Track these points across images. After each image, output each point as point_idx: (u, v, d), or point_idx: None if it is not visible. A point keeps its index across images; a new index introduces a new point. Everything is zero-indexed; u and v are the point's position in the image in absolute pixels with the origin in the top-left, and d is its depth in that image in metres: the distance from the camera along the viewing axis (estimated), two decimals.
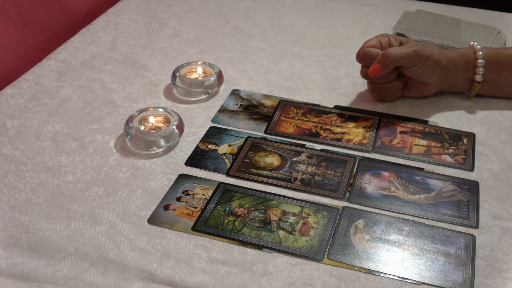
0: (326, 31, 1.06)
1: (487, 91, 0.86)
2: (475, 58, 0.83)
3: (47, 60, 0.95)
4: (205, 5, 1.14)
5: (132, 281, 0.59)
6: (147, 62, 0.95)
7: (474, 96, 0.86)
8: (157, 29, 1.05)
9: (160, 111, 0.79)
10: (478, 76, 0.83)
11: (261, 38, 1.03)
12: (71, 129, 0.80)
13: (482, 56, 0.83)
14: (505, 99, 0.87)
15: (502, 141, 0.79)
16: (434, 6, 1.14)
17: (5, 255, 0.61)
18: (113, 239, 0.63)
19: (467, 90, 0.86)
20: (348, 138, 0.79)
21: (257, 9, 1.13)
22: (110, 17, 1.08)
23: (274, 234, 0.64)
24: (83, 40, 1.01)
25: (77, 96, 0.86)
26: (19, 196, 0.68)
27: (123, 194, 0.69)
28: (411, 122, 0.82)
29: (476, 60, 0.83)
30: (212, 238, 0.64)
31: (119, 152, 0.76)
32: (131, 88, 0.89)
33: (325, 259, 0.61)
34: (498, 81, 0.85)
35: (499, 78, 0.84)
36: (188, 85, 0.86)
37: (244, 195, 0.69)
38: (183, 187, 0.70)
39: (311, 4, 1.15)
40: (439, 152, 0.77)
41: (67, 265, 0.60)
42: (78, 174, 0.72)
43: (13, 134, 0.78)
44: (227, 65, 0.95)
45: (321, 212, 0.67)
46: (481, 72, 0.83)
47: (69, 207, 0.67)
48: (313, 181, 0.71)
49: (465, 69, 0.84)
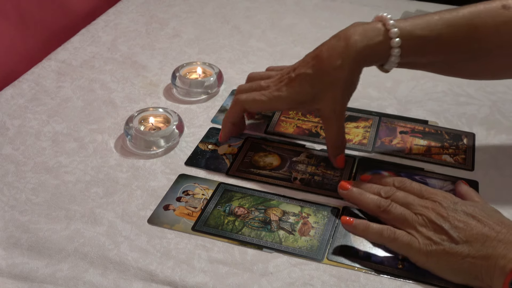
0: (326, 31, 1.06)
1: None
2: (389, 37, 0.66)
3: (47, 60, 0.95)
4: (205, 5, 1.14)
5: (132, 281, 0.59)
6: (147, 62, 0.95)
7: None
8: (157, 29, 1.05)
9: (160, 111, 0.79)
10: (390, 63, 0.68)
11: (261, 38, 1.03)
12: (71, 129, 0.80)
13: (396, 34, 0.66)
14: (506, 99, 0.87)
15: (502, 141, 0.79)
16: (434, 6, 1.14)
17: (5, 255, 0.61)
18: (113, 239, 0.63)
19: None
20: (348, 138, 0.79)
21: (257, 10, 1.13)
22: (110, 17, 1.08)
23: (274, 234, 0.64)
24: (83, 40, 1.01)
25: (77, 96, 0.86)
26: (19, 196, 0.68)
27: (123, 194, 0.69)
28: (411, 122, 0.82)
29: (390, 39, 0.66)
30: (212, 238, 0.64)
31: (119, 152, 0.76)
32: (131, 88, 0.89)
33: (325, 259, 0.61)
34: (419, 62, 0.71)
35: (420, 59, 0.70)
36: (188, 85, 0.86)
37: (244, 195, 0.69)
38: (183, 187, 0.70)
39: (311, 4, 1.15)
40: (439, 152, 0.77)
41: (67, 265, 0.60)
42: (78, 174, 0.72)
43: (13, 134, 0.78)
44: (227, 65, 0.95)
45: (321, 212, 0.67)
46: (393, 58, 0.67)
47: (69, 207, 0.67)
48: (313, 181, 0.71)
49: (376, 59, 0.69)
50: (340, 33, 0.69)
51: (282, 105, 0.72)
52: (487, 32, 0.67)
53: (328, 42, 0.69)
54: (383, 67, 0.70)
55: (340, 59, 0.67)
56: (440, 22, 0.67)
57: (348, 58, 0.67)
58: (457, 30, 0.67)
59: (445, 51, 0.68)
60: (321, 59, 0.68)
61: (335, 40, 0.68)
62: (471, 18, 0.67)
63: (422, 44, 0.67)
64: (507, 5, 0.67)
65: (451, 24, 0.67)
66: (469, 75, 0.74)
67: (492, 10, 0.67)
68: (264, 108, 0.74)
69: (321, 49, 0.69)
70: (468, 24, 0.67)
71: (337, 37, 0.69)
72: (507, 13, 0.66)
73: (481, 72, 0.73)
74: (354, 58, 0.67)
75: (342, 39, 0.67)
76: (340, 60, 0.67)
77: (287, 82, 0.71)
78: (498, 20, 0.67)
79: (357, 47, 0.66)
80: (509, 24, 0.67)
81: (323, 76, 0.68)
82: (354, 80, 0.69)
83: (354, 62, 0.67)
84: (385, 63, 0.69)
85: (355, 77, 0.69)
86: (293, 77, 0.70)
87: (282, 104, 0.72)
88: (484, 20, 0.67)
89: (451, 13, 0.68)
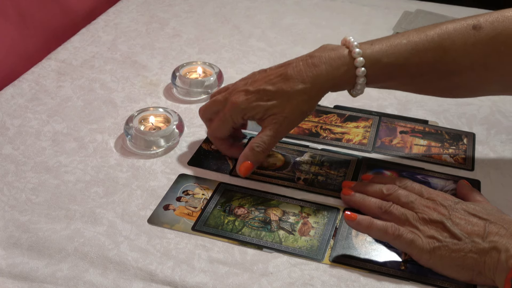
0: (326, 31, 1.06)
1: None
2: (355, 67, 0.66)
3: (47, 60, 0.95)
4: (205, 5, 1.14)
5: (132, 281, 0.59)
6: (147, 62, 0.95)
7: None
8: (157, 29, 1.05)
9: (160, 111, 0.79)
10: (357, 90, 0.69)
11: (261, 38, 1.03)
12: (71, 129, 0.80)
13: (362, 63, 0.66)
14: (506, 99, 0.87)
15: (502, 141, 0.79)
16: (434, 6, 1.14)
17: (5, 255, 0.61)
18: (113, 239, 0.63)
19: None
20: (348, 138, 0.79)
21: (257, 9, 1.13)
22: (110, 17, 1.08)
23: (274, 234, 0.64)
24: (83, 40, 1.01)
25: (77, 96, 0.86)
26: (19, 196, 0.68)
27: (123, 194, 0.69)
28: (411, 122, 0.82)
29: (355, 69, 0.66)
30: (212, 238, 0.64)
31: (119, 152, 0.76)
32: (131, 88, 0.89)
33: (325, 259, 0.61)
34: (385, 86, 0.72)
35: (387, 86, 0.71)
36: (188, 85, 0.86)
37: (244, 195, 0.69)
38: (183, 187, 0.70)
39: (311, 4, 1.15)
40: (439, 152, 0.77)
41: (67, 265, 0.60)
42: (78, 174, 0.72)
43: (13, 134, 0.78)
44: (227, 65, 0.95)
45: (321, 212, 0.67)
46: (359, 86, 0.68)
47: (69, 207, 0.67)
48: (316, 181, 0.71)
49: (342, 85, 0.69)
50: (307, 57, 0.68)
51: (238, 117, 0.70)
52: (456, 55, 0.66)
53: (294, 63, 0.68)
54: (350, 92, 0.70)
55: (303, 84, 0.67)
56: (409, 46, 0.66)
57: (312, 85, 0.67)
58: (425, 54, 0.66)
59: (414, 75, 0.68)
60: (285, 79, 0.68)
61: (301, 64, 0.68)
62: (439, 41, 0.66)
63: (389, 70, 0.67)
64: (477, 25, 0.66)
65: (419, 49, 0.66)
66: (441, 94, 0.73)
67: (461, 31, 0.66)
68: (227, 127, 0.71)
69: (287, 69, 0.68)
70: (437, 47, 0.66)
71: (303, 61, 0.68)
72: (477, 34, 0.65)
73: (455, 91, 0.72)
74: (318, 86, 0.67)
75: (309, 64, 0.67)
76: (303, 84, 0.67)
77: (243, 95, 0.69)
78: (468, 41, 0.66)
79: (322, 76, 0.67)
80: (478, 45, 0.65)
81: (283, 94, 0.67)
82: (311, 105, 0.69)
83: (317, 89, 0.68)
84: (352, 89, 0.69)
85: (313, 102, 0.69)
86: (251, 91, 0.69)
87: (238, 115, 0.69)
88: (453, 41, 0.66)
89: (420, 36, 0.67)
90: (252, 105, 0.68)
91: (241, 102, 0.69)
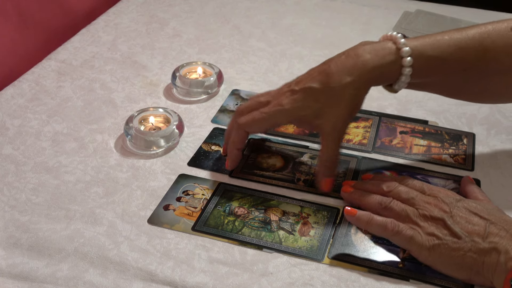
0: (326, 31, 1.06)
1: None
2: (401, 56, 0.65)
3: (47, 60, 0.95)
4: (205, 5, 1.14)
5: (132, 281, 0.59)
6: (147, 62, 0.95)
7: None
8: (157, 29, 1.05)
9: (160, 111, 0.79)
10: (400, 83, 0.67)
11: (261, 38, 1.03)
12: (71, 129, 0.80)
13: (408, 52, 0.65)
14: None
15: (502, 141, 0.79)
16: (434, 6, 1.14)
17: (5, 255, 0.61)
18: (113, 239, 0.63)
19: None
20: (348, 138, 0.79)
21: (257, 9, 1.13)
22: (110, 17, 1.08)
23: (274, 234, 0.64)
24: (83, 40, 1.01)
25: (77, 96, 0.86)
26: (19, 196, 0.69)
27: (123, 194, 0.69)
28: (411, 122, 0.82)
29: (402, 58, 0.65)
30: (212, 238, 0.64)
31: (119, 152, 0.76)
32: (131, 88, 0.89)
33: (325, 259, 0.61)
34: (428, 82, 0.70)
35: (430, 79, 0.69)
36: (188, 85, 0.86)
37: (244, 195, 0.69)
38: (183, 187, 0.70)
39: (311, 4, 1.15)
40: (439, 152, 0.77)
41: (67, 265, 0.60)
42: (78, 174, 0.72)
43: (13, 134, 0.78)
44: (227, 65, 0.95)
45: (321, 212, 0.67)
46: (404, 77, 0.66)
47: (69, 207, 0.67)
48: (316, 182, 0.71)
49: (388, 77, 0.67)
50: (349, 50, 0.67)
51: (283, 119, 0.69)
52: (497, 55, 0.66)
53: (336, 58, 0.67)
54: (392, 87, 0.68)
55: (349, 76, 0.65)
56: (451, 43, 0.66)
57: (358, 76, 0.65)
58: (467, 51, 0.66)
59: (457, 71, 0.67)
60: (328, 74, 0.66)
61: (344, 57, 0.66)
62: (480, 40, 0.66)
63: (433, 64, 0.66)
64: None
65: (461, 45, 0.66)
66: (476, 96, 0.73)
67: (501, 31, 0.67)
68: (266, 125, 0.70)
69: (329, 65, 0.66)
70: (478, 46, 0.66)
71: (345, 54, 0.66)
72: None
73: (488, 94, 0.72)
74: (365, 76, 0.65)
75: (352, 56, 0.65)
76: (349, 77, 0.65)
77: (289, 95, 0.68)
78: (508, 42, 0.66)
79: (368, 66, 0.65)
80: None
81: (329, 91, 0.65)
82: (360, 100, 0.67)
83: (364, 81, 0.65)
84: (395, 83, 0.67)
85: (362, 96, 0.67)
86: (297, 90, 0.67)
87: (283, 118, 0.68)
88: (493, 41, 0.66)
89: (461, 34, 0.67)
90: (298, 105, 0.67)
91: (287, 103, 0.67)
